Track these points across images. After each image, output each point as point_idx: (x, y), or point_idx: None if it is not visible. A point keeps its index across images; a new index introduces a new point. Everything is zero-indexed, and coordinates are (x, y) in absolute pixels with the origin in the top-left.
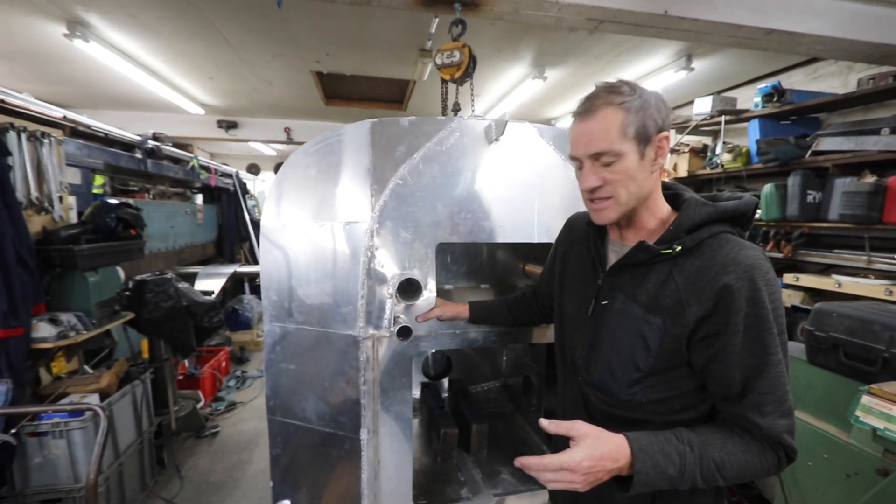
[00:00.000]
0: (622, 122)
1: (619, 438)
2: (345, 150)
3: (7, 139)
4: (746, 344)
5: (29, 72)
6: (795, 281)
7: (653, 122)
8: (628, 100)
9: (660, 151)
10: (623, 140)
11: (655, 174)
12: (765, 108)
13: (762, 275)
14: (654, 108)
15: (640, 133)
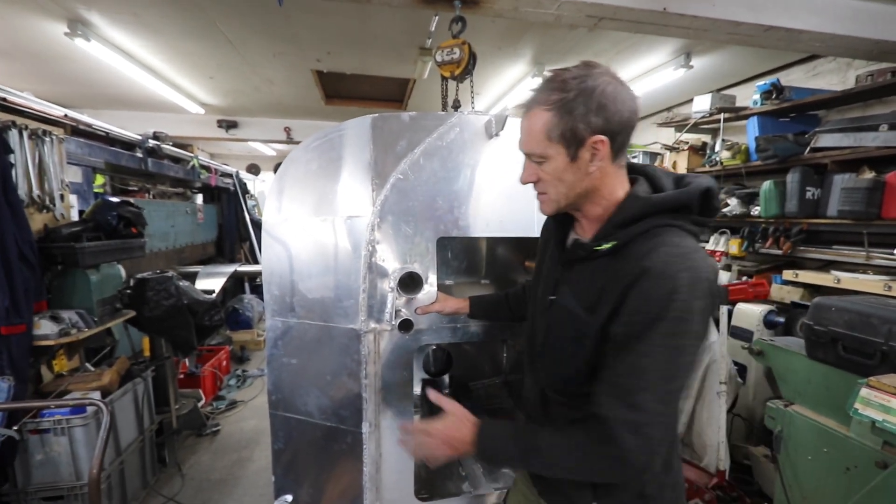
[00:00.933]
0: (547, 126)
1: (470, 425)
2: (346, 146)
3: (9, 137)
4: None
5: (30, 71)
6: (794, 277)
7: (585, 124)
8: (557, 100)
9: (596, 153)
10: (548, 143)
11: (595, 174)
12: (764, 105)
13: (672, 273)
14: (594, 108)
15: (568, 136)
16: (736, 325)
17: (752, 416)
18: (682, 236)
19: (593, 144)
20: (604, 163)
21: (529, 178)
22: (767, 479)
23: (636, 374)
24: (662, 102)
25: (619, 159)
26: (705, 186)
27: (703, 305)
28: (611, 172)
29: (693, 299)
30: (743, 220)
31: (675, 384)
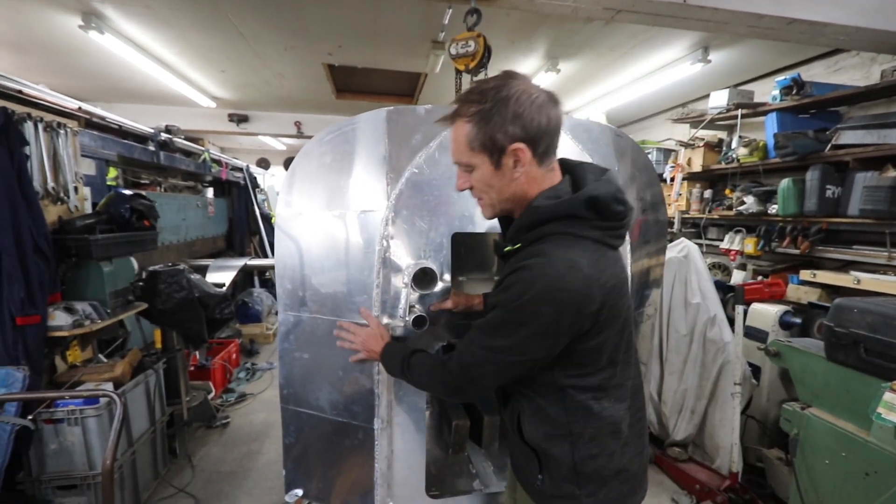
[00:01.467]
0: (468, 137)
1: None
2: (360, 139)
3: (24, 129)
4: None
5: (44, 64)
6: (812, 277)
7: (503, 133)
8: (475, 112)
9: (518, 160)
10: (472, 153)
11: (520, 179)
12: (783, 101)
13: (529, 279)
14: (509, 117)
15: (488, 146)
16: (750, 326)
17: (765, 417)
18: (567, 245)
19: (514, 152)
20: (529, 168)
21: (463, 186)
22: (781, 483)
23: (481, 333)
24: (677, 98)
25: (545, 163)
26: (587, 196)
27: (551, 311)
28: (537, 177)
29: (541, 303)
30: (759, 219)
31: (504, 355)
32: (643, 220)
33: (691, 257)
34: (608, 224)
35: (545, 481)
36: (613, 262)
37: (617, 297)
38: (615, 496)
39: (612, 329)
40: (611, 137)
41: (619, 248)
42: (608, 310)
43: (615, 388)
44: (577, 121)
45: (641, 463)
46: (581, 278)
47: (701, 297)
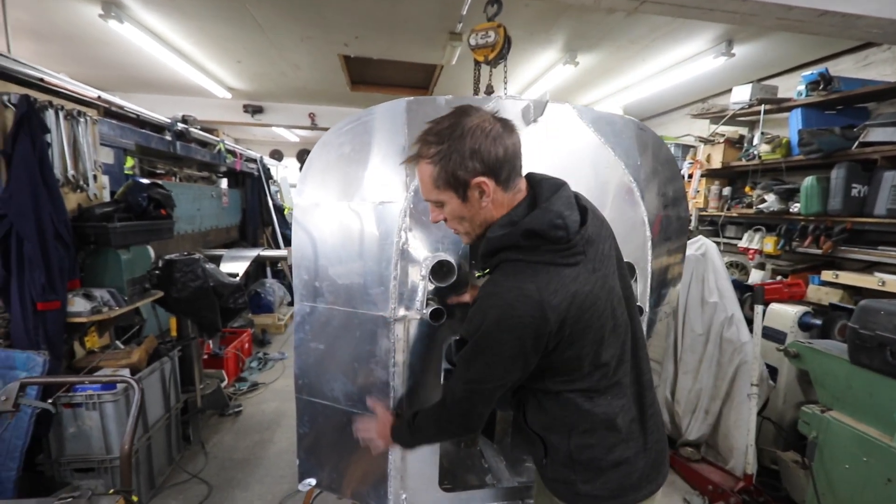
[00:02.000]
0: (432, 176)
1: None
2: (379, 129)
3: (46, 117)
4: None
5: (64, 53)
6: (834, 278)
7: (464, 170)
8: (434, 154)
9: (483, 192)
10: (438, 191)
11: (488, 207)
12: (809, 96)
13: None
14: (468, 154)
15: (452, 182)
16: (767, 326)
17: (781, 419)
18: (517, 273)
19: (477, 185)
20: (494, 195)
21: (437, 219)
22: (796, 486)
23: (460, 368)
24: (697, 93)
25: (511, 187)
26: (523, 229)
27: (511, 337)
28: (504, 202)
29: (499, 332)
30: (780, 218)
31: (484, 384)
32: (664, 216)
33: (709, 255)
34: (555, 247)
35: (548, 465)
36: (571, 280)
37: (579, 311)
38: (614, 486)
39: (585, 339)
40: (634, 131)
41: (579, 263)
42: (571, 325)
43: (611, 387)
44: (599, 113)
45: (650, 458)
46: (532, 303)
47: (718, 295)
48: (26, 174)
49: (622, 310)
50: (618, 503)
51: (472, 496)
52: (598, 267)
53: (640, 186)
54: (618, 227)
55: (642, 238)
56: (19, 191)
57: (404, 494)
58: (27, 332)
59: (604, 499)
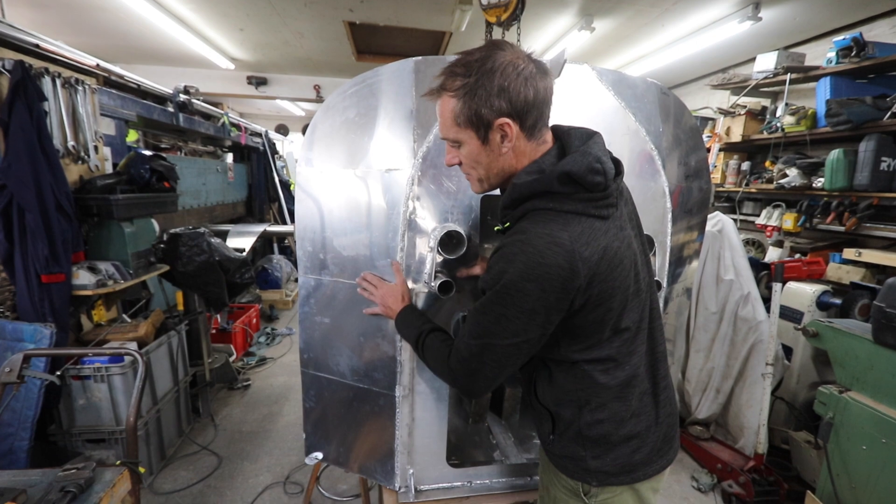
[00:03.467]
0: (454, 112)
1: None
2: (386, 92)
3: (42, 84)
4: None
5: (62, 20)
6: (857, 256)
7: (489, 108)
8: (459, 87)
9: (506, 135)
10: (458, 129)
11: (508, 154)
12: (840, 63)
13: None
14: (495, 91)
15: (474, 121)
16: (784, 305)
17: (794, 399)
18: (548, 221)
19: (500, 127)
20: (517, 142)
21: (452, 161)
22: (807, 465)
23: (471, 322)
24: (718, 62)
25: (535, 137)
26: (560, 171)
27: (535, 288)
28: (526, 151)
29: (523, 281)
30: (802, 193)
31: (498, 340)
32: (685, 188)
33: (725, 232)
34: (590, 196)
35: (556, 441)
36: (602, 233)
37: (609, 268)
38: (624, 462)
39: (613, 300)
40: (656, 95)
41: (610, 217)
42: (601, 283)
43: (625, 356)
44: (620, 75)
45: (661, 432)
46: (562, 253)
47: (734, 273)
48: (24, 143)
49: (644, 274)
50: (628, 478)
51: (480, 472)
52: (624, 226)
53: (661, 155)
54: (637, 198)
55: (662, 210)
56: (18, 160)
57: (411, 469)
58: (33, 304)
59: (614, 474)
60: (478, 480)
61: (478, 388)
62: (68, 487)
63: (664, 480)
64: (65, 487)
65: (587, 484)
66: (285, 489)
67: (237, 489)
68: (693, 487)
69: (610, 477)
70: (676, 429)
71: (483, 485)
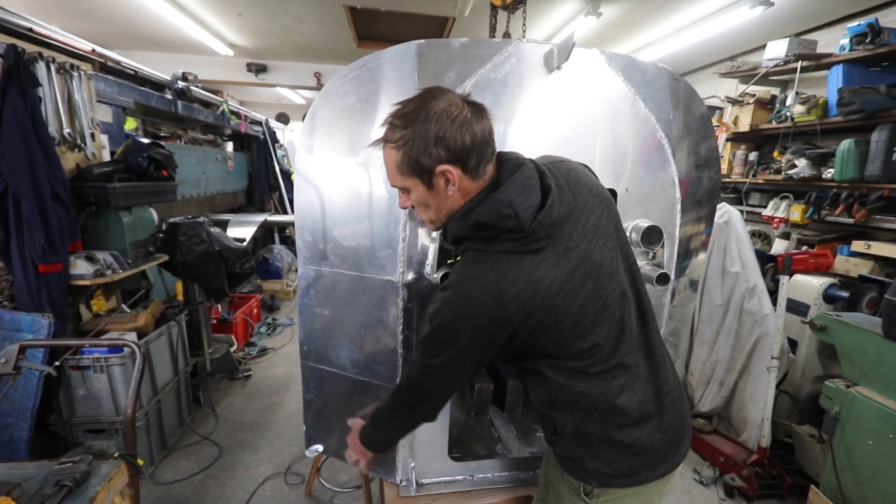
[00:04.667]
0: (396, 162)
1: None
2: (387, 76)
3: (36, 70)
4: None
5: (57, 4)
6: (866, 249)
7: (427, 157)
8: (398, 139)
9: (449, 180)
10: (402, 177)
11: (455, 195)
12: (854, 50)
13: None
14: (432, 141)
15: (416, 169)
16: (790, 298)
17: (798, 393)
18: (477, 262)
19: (442, 173)
20: (462, 184)
21: (404, 205)
22: (811, 460)
23: (419, 348)
24: (726, 50)
25: (480, 175)
26: (472, 222)
27: (468, 327)
28: (472, 190)
29: (456, 320)
30: (811, 184)
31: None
32: (694, 177)
33: (732, 223)
34: (512, 236)
35: (557, 441)
36: (534, 267)
37: (545, 298)
38: (623, 466)
39: (560, 325)
40: (667, 81)
41: (543, 249)
42: (538, 313)
43: (609, 369)
44: (630, 59)
45: (666, 437)
46: (489, 294)
47: (741, 265)
48: (18, 130)
49: (616, 286)
50: (629, 481)
51: (482, 465)
52: (575, 244)
53: (671, 143)
54: (646, 187)
55: (671, 200)
56: (12, 148)
57: (413, 463)
58: (30, 294)
59: (614, 476)
60: (480, 474)
61: (428, 410)
62: (64, 481)
63: (672, 484)
64: (60, 481)
65: (588, 484)
66: (286, 480)
67: (238, 479)
68: (695, 480)
69: (610, 479)
70: (686, 431)
71: (485, 478)
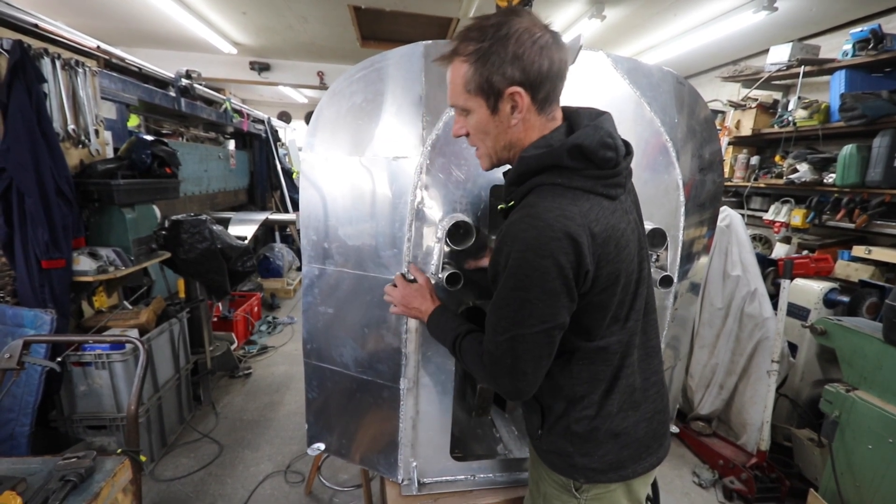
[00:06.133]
0: (465, 78)
1: (429, 304)
2: (394, 77)
3: (42, 66)
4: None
5: (62, 1)
6: (867, 254)
7: (501, 76)
8: (472, 52)
9: (516, 105)
10: (467, 96)
11: (518, 126)
12: (856, 56)
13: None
14: (509, 59)
15: (485, 88)
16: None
17: (797, 396)
18: (556, 196)
19: (511, 96)
20: (527, 115)
21: (459, 132)
22: (810, 463)
23: (493, 317)
24: (729, 54)
25: (546, 111)
26: (571, 144)
27: (550, 264)
28: (536, 126)
29: (536, 258)
30: (812, 189)
31: (527, 329)
32: (698, 181)
33: (733, 227)
34: (599, 173)
35: (543, 436)
36: (610, 213)
37: (616, 249)
38: (612, 459)
39: (617, 285)
40: (672, 84)
41: (617, 198)
42: (608, 264)
43: (618, 347)
44: (635, 63)
45: (650, 428)
46: (573, 227)
47: (742, 269)
48: (24, 126)
49: (646, 264)
50: (617, 475)
51: (483, 465)
52: (629, 210)
53: (675, 146)
54: (650, 190)
55: (675, 203)
56: (17, 143)
57: (414, 462)
58: (33, 290)
59: (601, 472)
60: (481, 474)
61: (521, 388)
62: (69, 476)
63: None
64: (65, 476)
65: (576, 481)
66: (286, 478)
67: (238, 477)
68: (694, 483)
69: (598, 474)
70: (667, 426)
71: (486, 478)
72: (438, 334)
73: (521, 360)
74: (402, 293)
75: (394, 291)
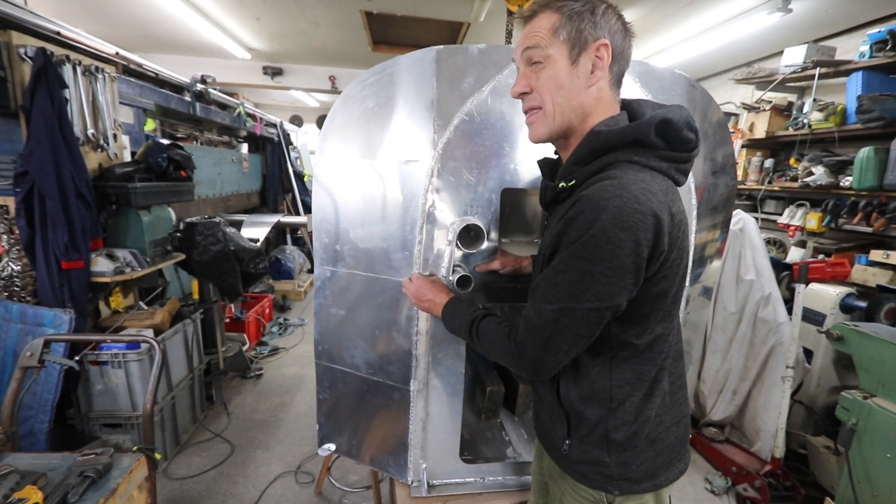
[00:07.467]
0: (555, 23)
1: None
2: (406, 81)
3: (63, 72)
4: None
5: (82, 9)
6: (885, 258)
7: (591, 28)
8: (565, 5)
9: (597, 62)
10: (553, 41)
11: (593, 91)
12: (874, 57)
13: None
14: (600, 15)
15: (574, 38)
16: (805, 307)
17: (813, 403)
18: (636, 171)
19: (597, 49)
20: (602, 83)
21: (522, 89)
22: (826, 472)
23: (547, 285)
24: (743, 56)
25: (616, 90)
26: (660, 118)
27: (629, 238)
28: (606, 101)
29: (616, 230)
30: (828, 192)
31: (579, 303)
32: (710, 184)
33: (747, 231)
34: (676, 155)
35: (572, 446)
36: (678, 198)
37: (683, 235)
38: (648, 467)
39: (678, 272)
40: (684, 88)
41: (680, 186)
42: (677, 248)
43: (665, 345)
44: (646, 66)
45: (679, 433)
46: (656, 203)
47: (755, 273)
48: (46, 131)
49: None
50: (651, 484)
51: (493, 468)
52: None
53: None
54: None
55: (687, 206)
56: (39, 147)
57: (424, 464)
58: (53, 290)
59: (637, 481)
60: (490, 477)
61: (547, 364)
62: (87, 472)
63: None
64: (83, 472)
65: (610, 493)
66: (296, 478)
67: (249, 477)
68: (707, 490)
69: (633, 484)
70: (689, 431)
71: (496, 481)
72: (453, 322)
73: (561, 335)
74: (417, 285)
75: (409, 284)
